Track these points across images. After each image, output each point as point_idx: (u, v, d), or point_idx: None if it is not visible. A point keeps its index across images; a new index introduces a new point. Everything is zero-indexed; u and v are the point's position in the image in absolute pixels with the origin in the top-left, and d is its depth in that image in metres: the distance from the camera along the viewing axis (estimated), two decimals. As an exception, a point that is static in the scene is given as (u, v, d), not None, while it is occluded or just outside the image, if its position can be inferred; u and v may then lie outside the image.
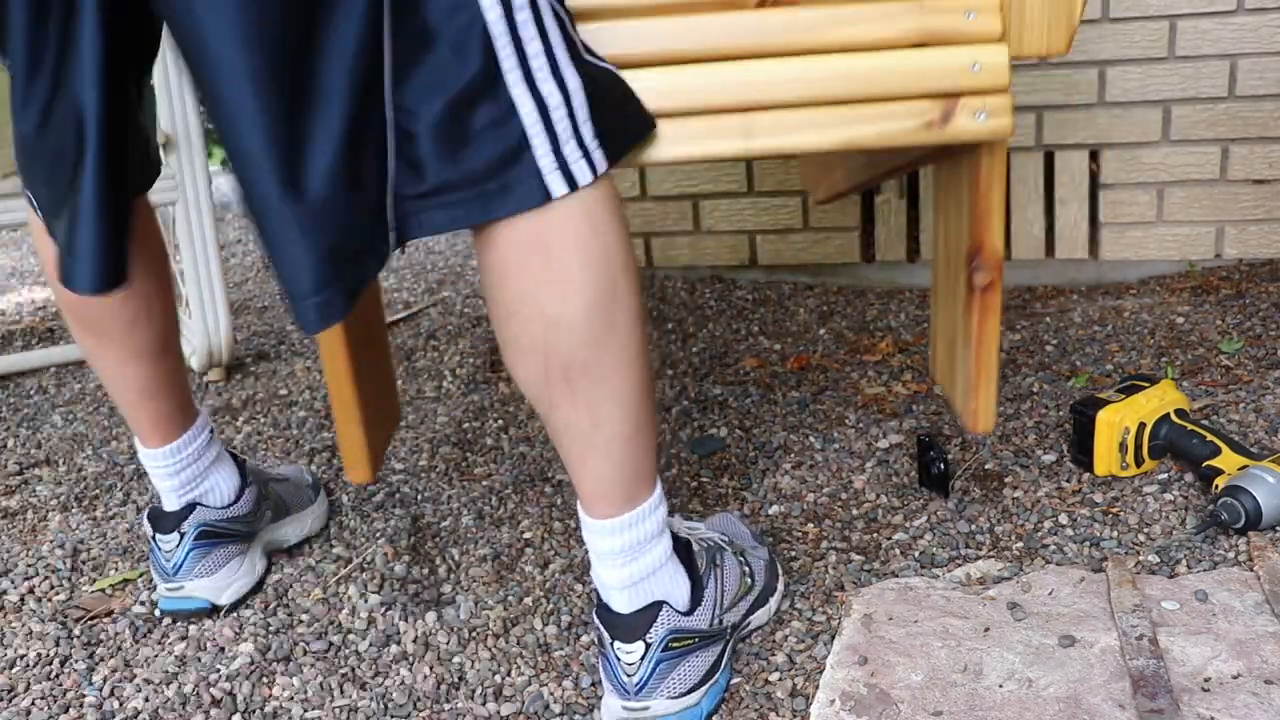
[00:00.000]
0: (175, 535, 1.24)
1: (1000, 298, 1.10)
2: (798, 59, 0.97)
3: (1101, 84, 2.02)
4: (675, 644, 0.99)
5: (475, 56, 0.81)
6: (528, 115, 0.83)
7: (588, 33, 0.93)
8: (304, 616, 1.25)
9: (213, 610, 1.25)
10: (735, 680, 1.09)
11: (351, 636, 1.20)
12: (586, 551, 1.33)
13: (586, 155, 0.85)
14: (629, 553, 0.98)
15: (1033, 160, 2.11)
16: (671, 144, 0.97)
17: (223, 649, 1.19)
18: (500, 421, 1.73)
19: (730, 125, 0.97)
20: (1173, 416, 1.36)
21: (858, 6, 0.99)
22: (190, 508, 1.25)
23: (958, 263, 1.14)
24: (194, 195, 1.84)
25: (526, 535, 1.38)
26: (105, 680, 1.16)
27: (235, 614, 1.26)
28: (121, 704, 1.12)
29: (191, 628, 1.24)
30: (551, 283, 0.86)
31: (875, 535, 1.32)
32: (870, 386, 1.73)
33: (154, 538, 1.25)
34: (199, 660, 1.18)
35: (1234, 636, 1.04)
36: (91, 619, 1.27)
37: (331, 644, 1.19)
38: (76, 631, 1.24)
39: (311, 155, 0.79)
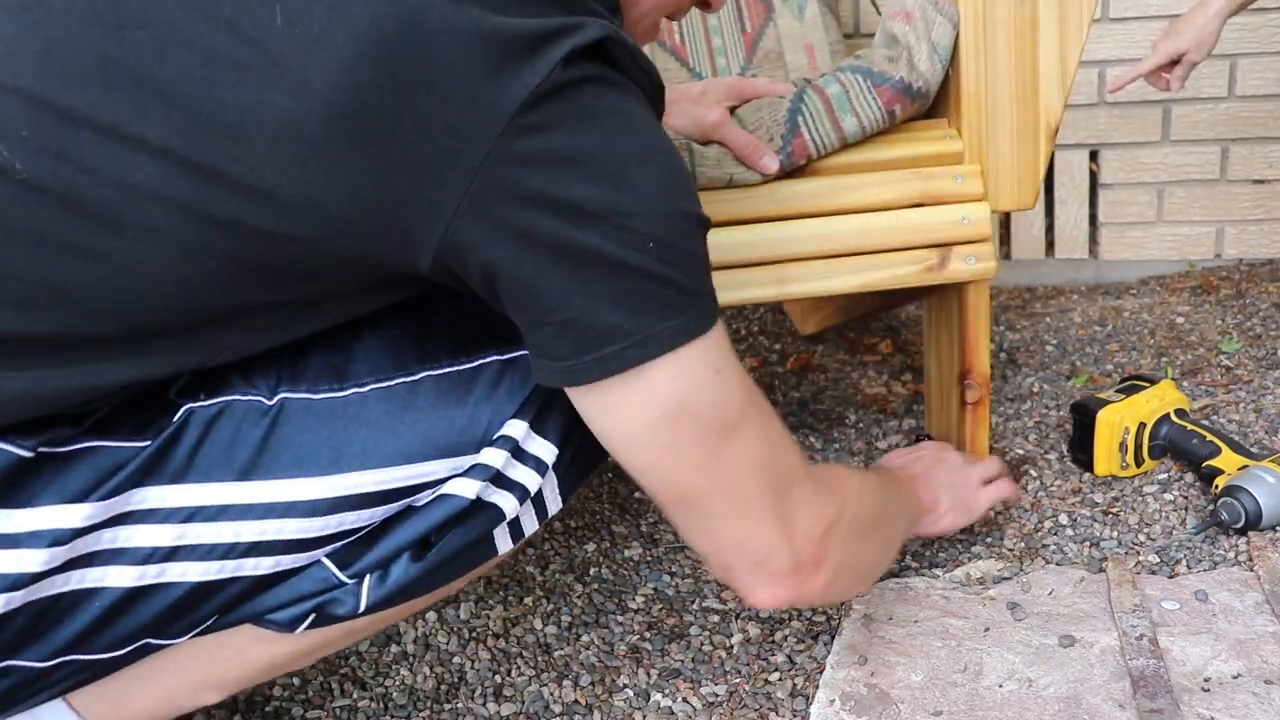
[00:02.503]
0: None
1: (988, 410, 1.29)
2: (821, 219, 1.16)
3: (1101, 84, 2.02)
4: None
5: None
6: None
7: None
8: (303, 616, 1.25)
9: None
10: (735, 680, 1.09)
11: (351, 636, 1.20)
12: (587, 551, 1.33)
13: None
14: None
15: (1033, 160, 2.11)
16: (718, 292, 1.07)
17: (222, 649, 1.19)
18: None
19: (767, 275, 1.16)
20: (1173, 416, 1.35)
21: (867, 174, 1.17)
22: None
23: (950, 380, 1.32)
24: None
25: (526, 535, 1.38)
26: (104, 680, 1.16)
27: (235, 614, 1.26)
28: (121, 704, 1.12)
29: (191, 628, 1.24)
30: None
31: (875, 535, 1.32)
32: (870, 386, 1.73)
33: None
34: (198, 660, 1.18)
35: (1234, 636, 1.04)
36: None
37: (331, 644, 1.19)
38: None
39: None
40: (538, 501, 0.82)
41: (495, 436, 0.78)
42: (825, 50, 1.51)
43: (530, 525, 0.84)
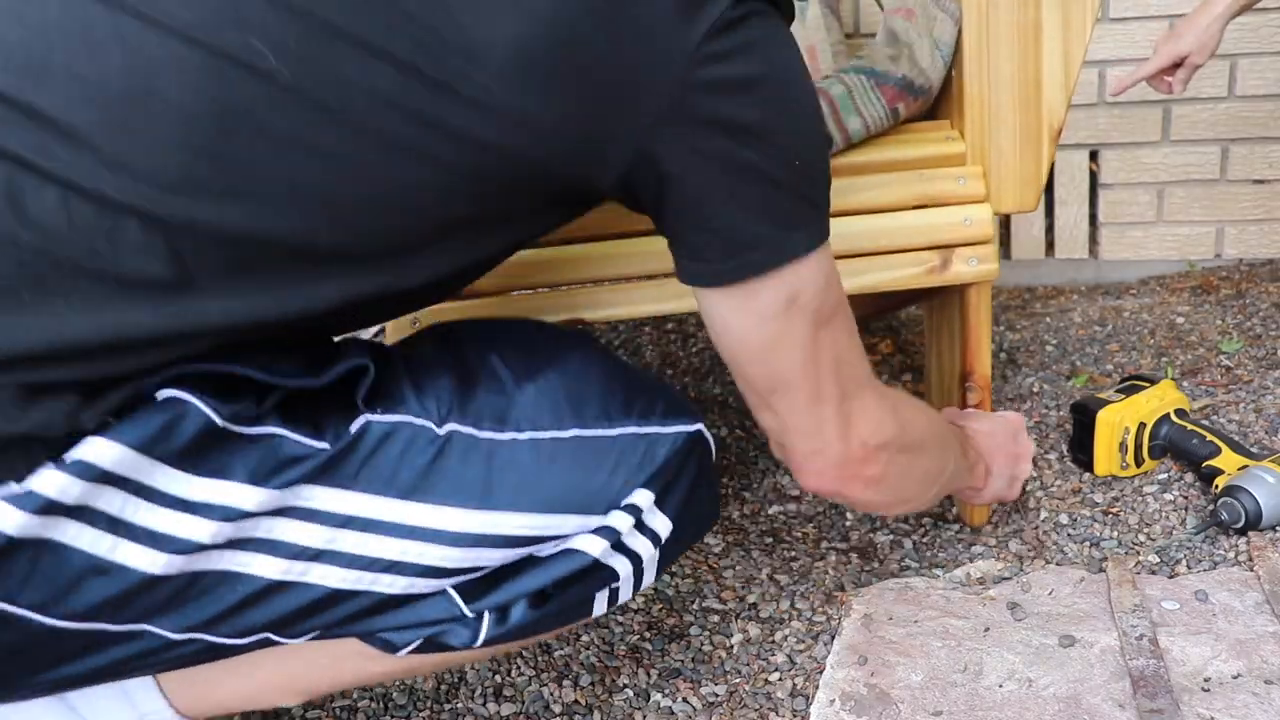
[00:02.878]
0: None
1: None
2: None
3: (1101, 84, 2.02)
4: None
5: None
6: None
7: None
8: (304, 615, 1.24)
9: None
10: (735, 680, 1.09)
11: (351, 636, 1.20)
12: (587, 551, 1.33)
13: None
14: None
15: (1033, 160, 2.11)
16: None
17: (223, 648, 1.19)
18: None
19: None
20: (1173, 416, 1.36)
21: (869, 176, 1.17)
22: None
23: (951, 381, 1.31)
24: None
25: (526, 534, 1.38)
26: (105, 679, 1.15)
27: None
28: (121, 703, 1.12)
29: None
30: None
31: (875, 535, 1.32)
32: (870, 386, 1.73)
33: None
34: (199, 659, 1.18)
35: (1234, 636, 1.04)
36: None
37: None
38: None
39: None
40: (639, 574, 0.87)
41: (623, 503, 0.83)
42: (827, 51, 1.51)
43: (626, 595, 0.88)
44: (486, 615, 0.83)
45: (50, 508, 0.66)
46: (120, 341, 0.67)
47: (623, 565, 0.84)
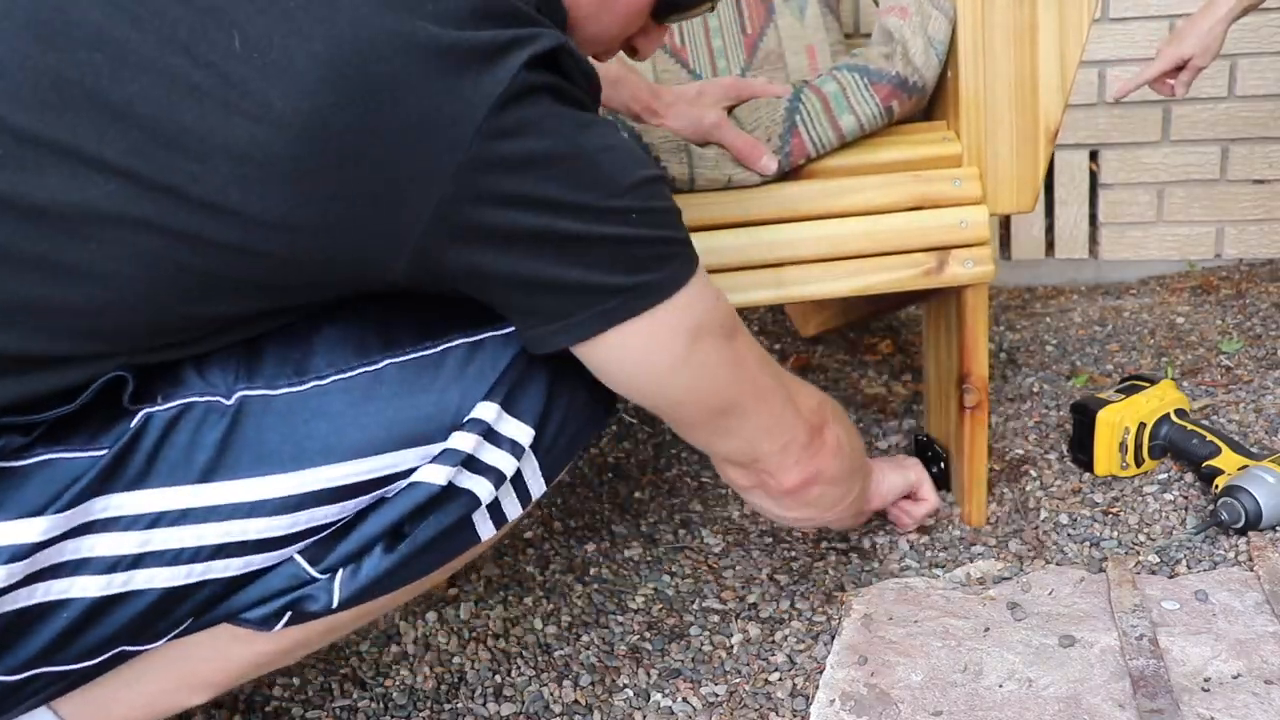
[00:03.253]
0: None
1: (987, 414, 1.28)
2: (819, 222, 1.16)
3: (1101, 84, 2.02)
4: None
5: None
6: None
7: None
8: (304, 617, 1.25)
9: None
10: (735, 680, 1.09)
11: (352, 636, 1.20)
12: (587, 551, 1.34)
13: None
14: None
15: (1033, 160, 2.11)
16: None
17: (223, 649, 1.19)
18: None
19: (765, 278, 1.16)
20: (1173, 416, 1.35)
21: (865, 177, 1.17)
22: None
23: (949, 384, 1.31)
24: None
25: (527, 535, 1.38)
26: (106, 680, 1.16)
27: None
28: (122, 704, 1.12)
29: (192, 628, 1.24)
30: None
31: (875, 535, 1.32)
32: (870, 386, 1.73)
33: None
34: (199, 660, 1.18)
35: (1234, 636, 1.04)
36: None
37: (332, 644, 1.19)
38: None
39: None
40: (518, 484, 0.82)
41: (465, 420, 0.78)
42: (826, 51, 1.51)
43: (513, 509, 0.84)
44: (339, 573, 0.79)
45: None
46: None
47: (481, 485, 0.80)
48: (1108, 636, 1.06)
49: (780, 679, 1.08)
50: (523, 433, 0.80)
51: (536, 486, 0.84)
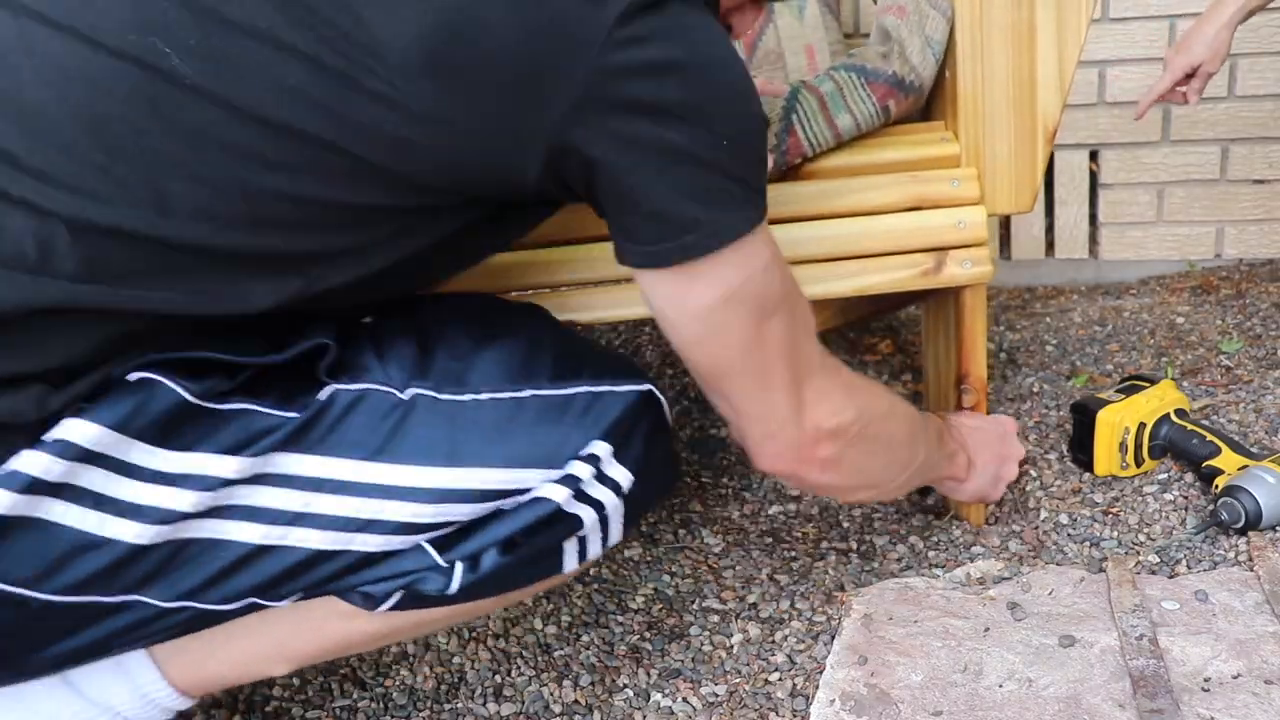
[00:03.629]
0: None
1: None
2: (817, 223, 1.16)
3: (1101, 84, 2.02)
4: None
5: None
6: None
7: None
8: (304, 617, 1.25)
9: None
10: (735, 680, 1.09)
11: (352, 637, 1.20)
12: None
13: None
14: None
15: (1033, 160, 2.11)
16: None
17: (223, 650, 1.19)
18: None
19: None
20: (1173, 416, 1.35)
21: (863, 178, 1.17)
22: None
23: (948, 383, 1.31)
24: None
25: (527, 536, 1.38)
26: (106, 681, 1.16)
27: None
28: (122, 705, 1.12)
29: (192, 628, 1.24)
30: None
31: (875, 535, 1.32)
32: (870, 387, 1.73)
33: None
34: (199, 661, 1.18)
35: (1234, 636, 1.04)
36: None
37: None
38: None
39: None
40: (605, 526, 0.88)
41: (583, 453, 0.85)
42: (825, 51, 1.52)
43: (595, 549, 0.90)
44: (459, 564, 0.85)
45: (35, 486, 0.70)
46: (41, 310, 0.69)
47: (587, 513, 0.86)
48: (1108, 636, 1.06)
49: (780, 679, 1.08)
50: (624, 478, 0.87)
51: (617, 533, 0.90)
